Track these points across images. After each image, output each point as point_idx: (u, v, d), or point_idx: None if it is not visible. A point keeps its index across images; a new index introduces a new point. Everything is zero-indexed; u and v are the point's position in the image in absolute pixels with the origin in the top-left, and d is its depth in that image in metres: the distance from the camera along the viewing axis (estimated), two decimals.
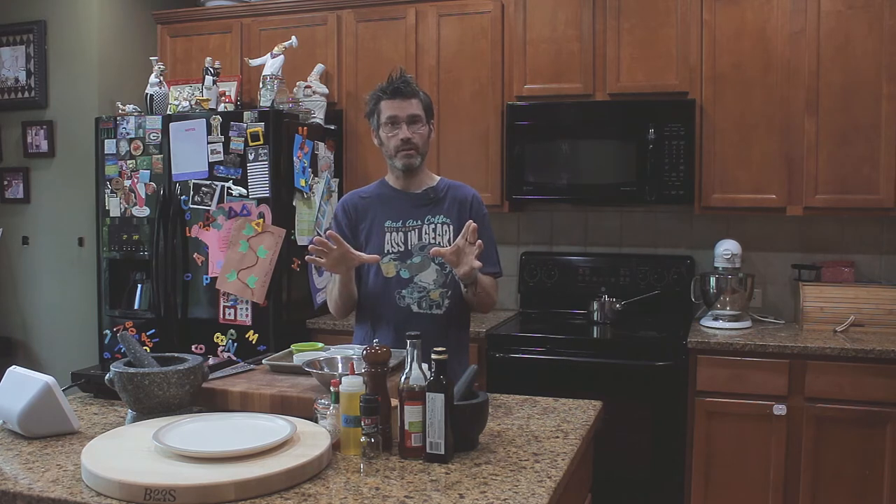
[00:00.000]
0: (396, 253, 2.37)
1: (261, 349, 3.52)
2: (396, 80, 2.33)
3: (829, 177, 3.36)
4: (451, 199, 2.42)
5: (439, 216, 2.40)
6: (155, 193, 3.69)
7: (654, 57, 3.52)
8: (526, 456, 1.71)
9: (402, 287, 2.36)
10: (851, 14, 3.30)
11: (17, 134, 4.34)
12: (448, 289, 2.36)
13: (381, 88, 2.35)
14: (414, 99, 2.34)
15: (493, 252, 2.43)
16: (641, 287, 3.76)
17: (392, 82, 2.34)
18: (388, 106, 2.33)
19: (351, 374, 1.71)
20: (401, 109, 2.32)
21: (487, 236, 2.37)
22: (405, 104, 2.32)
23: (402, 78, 2.34)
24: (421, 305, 2.36)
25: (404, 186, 2.43)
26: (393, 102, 2.32)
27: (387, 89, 2.34)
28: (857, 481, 3.06)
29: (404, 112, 2.32)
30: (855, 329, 3.32)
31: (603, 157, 3.58)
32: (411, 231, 2.39)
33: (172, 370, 1.82)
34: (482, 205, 2.48)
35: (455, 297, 2.37)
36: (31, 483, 1.53)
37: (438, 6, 3.81)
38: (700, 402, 3.20)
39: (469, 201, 2.43)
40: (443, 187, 2.45)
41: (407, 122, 2.32)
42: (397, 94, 2.32)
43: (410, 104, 2.33)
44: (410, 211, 2.40)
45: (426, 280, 2.36)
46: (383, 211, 2.41)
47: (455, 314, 2.40)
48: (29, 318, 4.40)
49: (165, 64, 4.02)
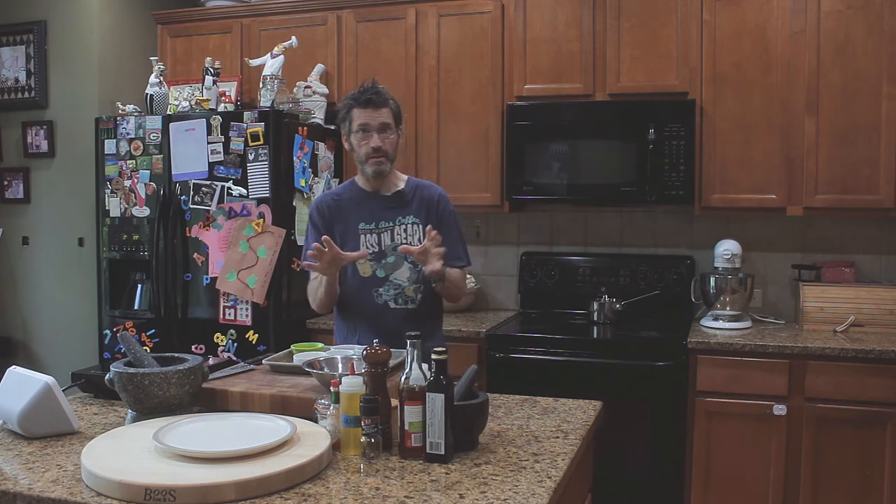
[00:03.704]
0: (371, 254, 2.50)
1: (261, 349, 3.52)
2: (369, 90, 2.44)
3: (829, 177, 3.36)
4: (420, 200, 2.55)
5: (409, 216, 2.53)
6: (155, 193, 3.69)
7: (654, 57, 3.52)
8: (526, 456, 1.71)
9: (379, 286, 2.50)
10: (851, 14, 3.30)
11: (17, 134, 4.34)
12: (421, 284, 2.51)
13: (353, 97, 2.46)
14: (384, 108, 2.45)
15: (460, 246, 2.59)
16: (641, 287, 3.76)
17: (364, 91, 2.44)
18: (360, 114, 2.44)
19: (351, 374, 1.71)
20: (372, 118, 2.43)
21: (455, 232, 2.57)
22: (376, 113, 2.43)
23: (373, 88, 2.45)
24: (397, 301, 2.50)
25: (375, 188, 2.56)
26: (365, 111, 2.43)
27: (359, 98, 2.44)
28: (857, 481, 3.06)
29: (375, 121, 2.43)
30: (855, 329, 3.32)
31: (603, 157, 3.58)
32: (384, 232, 2.52)
33: (172, 370, 1.83)
34: (448, 203, 2.61)
35: (427, 291, 2.52)
36: (31, 483, 1.53)
37: (438, 6, 3.81)
38: (700, 402, 3.20)
39: (436, 200, 2.57)
40: (411, 188, 2.58)
41: (377, 131, 2.44)
42: (369, 104, 2.43)
43: (381, 113, 2.44)
44: (382, 213, 2.53)
45: (400, 278, 2.51)
46: (357, 213, 2.54)
47: (428, 306, 2.55)
48: (29, 318, 4.40)
49: (165, 64, 4.02)
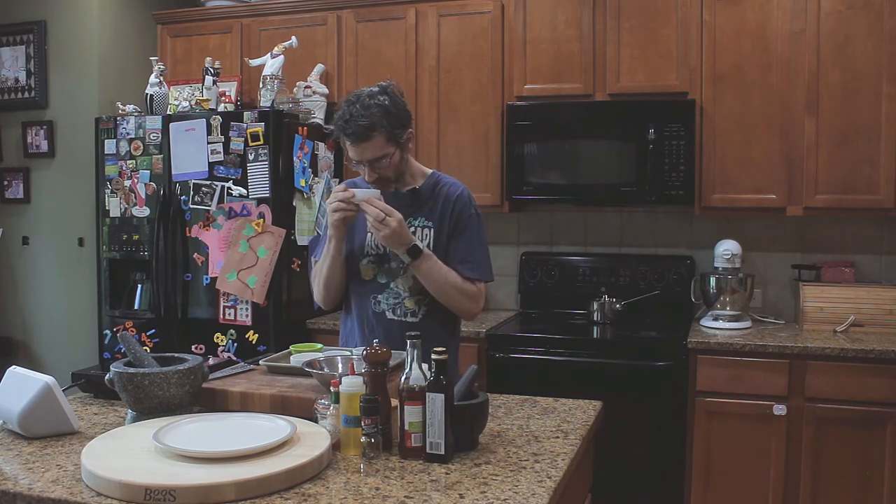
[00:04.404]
0: (374, 255, 2.30)
1: (261, 349, 3.52)
2: (350, 123, 2.14)
3: (829, 177, 3.36)
4: (436, 198, 2.30)
5: (420, 218, 2.29)
6: (155, 193, 3.69)
7: (654, 57, 3.52)
8: (526, 456, 1.71)
9: (379, 292, 2.30)
10: (851, 14, 3.30)
11: (17, 134, 4.34)
12: (425, 296, 2.27)
13: (338, 126, 2.18)
14: (373, 138, 2.15)
15: (478, 253, 2.30)
16: (641, 287, 3.76)
17: (347, 123, 2.15)
18: (349, 147, 2.20)
19: (351, 374, 1.71)
20: (361, 153, 2.18)
21: (472, 236, 2.29)
22: (366, 146, 2.16)
23: (353, 119, 2.14)
24: (395, 312, 2.29)
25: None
26: (352, 146, 2.18)
27: (345, 130, 2.16)
28: (857, 481, 3.06)
29: (364, 156, 2.18)
30: (855, 329, 3.32)
31: (603, 157, 3.58)
32: None
33: (172, 370, 1.82)
34: (469, 204, 2.31)
35: (433, 305, 2.27)
36: (31, 483, 1.52)
37: (438, 6, 3.81)
38: (700, 402, 3.20)
39: (454, 199, 2.29)
40: (429, 186, 2.32)
41: (370, 164, 2.20)
42: (354, 139, 2.15)
43: (371, 145, 2.16)
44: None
45: (401, 287, 2.28)
46: None
47: (433, 321, 2.28)
48: (29, 318, 4.40)
49: (165, 64, 4.02)
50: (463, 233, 2.27)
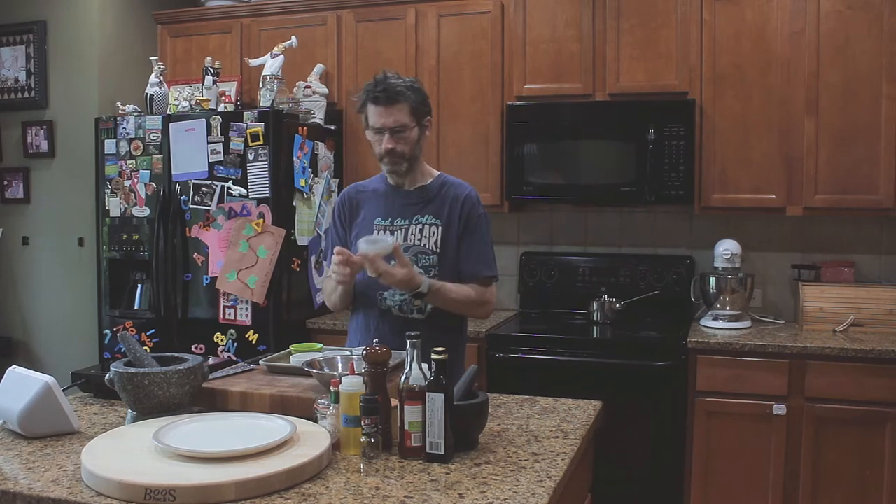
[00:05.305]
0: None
1: (261, 349, 3.52)
2: (380, 84, 2.22)
3: (828, 177, 3.36)
4: (444, 198, 2.34)
5: (428, 216, 2.32)
6: (155, 193, 3.69)
7: (653, 57, 3.52)
8: (526, 456, 1.71)
9: (385, 289, 2.30)
10: (851, 14, 3.30)
11: (17, 134, 4.34)
12: None
13: (368, 90, 2.24)
14: (399, 104, 2.21)
15: (488, 254, 2.35)
16: (641, 287, 3.76)
17: (377, 84, 2.22)
18: (373, 112, 2.24)
19: (351, 374, 1.71)
20: (385, 117, 2.22)
21: (481, 238, 2.34)
22: (390, 111, 2.21)
23: (385, 81, 2.22)
24: (402, 309, 2.31)
25: (398, 182, 2.37)
26: (377, 109, 2.23)
27: (371, 93, 2.23)
28: (857, 481, 3.06)
29: (388, 120, 2.22)
30: (855, 329, 3.32)
31: (603, 157, 3.58)
32: (398, 231, 2.33)
33: (172, 370, 1.82)
34: (477, 205, 2.36)
35: None
36: (31, 483, 1.53)
37: (438, 6, 3.81)
38: (700, 402, 3.20)
39: (462, 200, 2.33)
40: (436, 185, 2.36)
41: (391, 132, 2.23)
42: (379, 101, 2.21)
43: (395, 110, 2.21)
44: (401, 209, 2.34)
45: None
46: (375, 207, 2.38)
47: (442, 320, 2.29)
48: (29, 318, 4.40)
49: (165, 64, 4.02)
50: (474, 232, 2.32)
